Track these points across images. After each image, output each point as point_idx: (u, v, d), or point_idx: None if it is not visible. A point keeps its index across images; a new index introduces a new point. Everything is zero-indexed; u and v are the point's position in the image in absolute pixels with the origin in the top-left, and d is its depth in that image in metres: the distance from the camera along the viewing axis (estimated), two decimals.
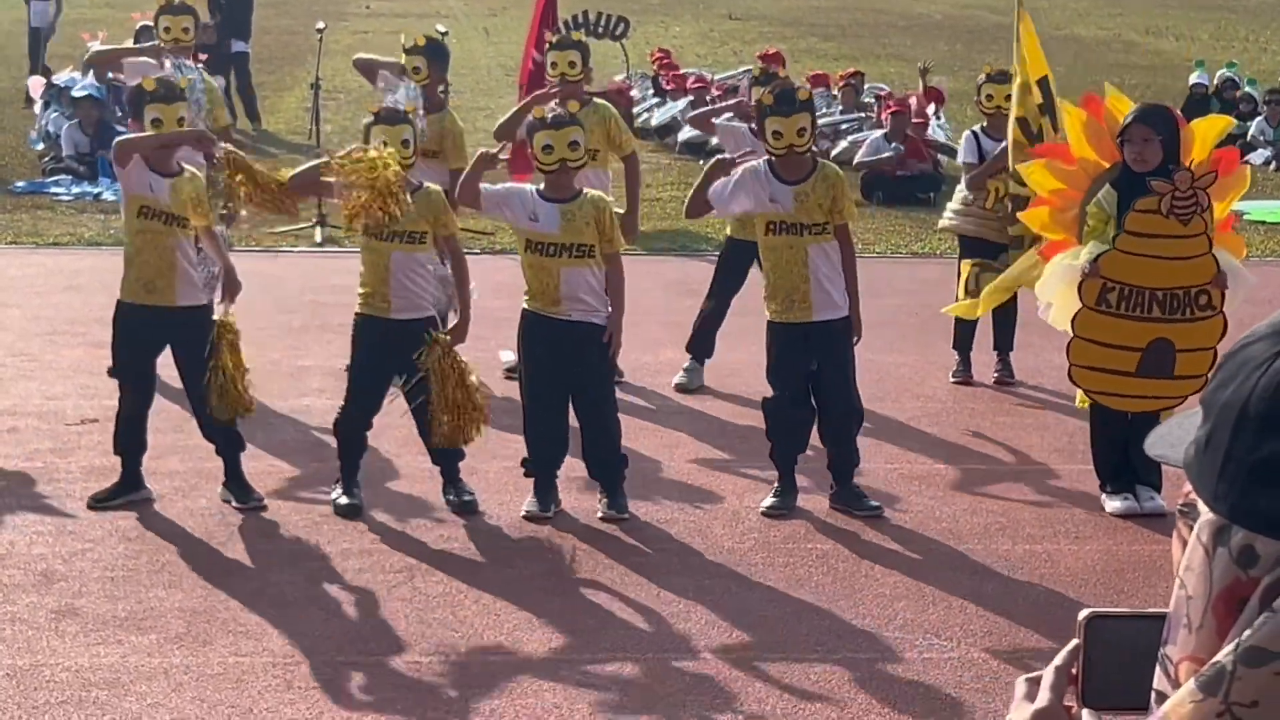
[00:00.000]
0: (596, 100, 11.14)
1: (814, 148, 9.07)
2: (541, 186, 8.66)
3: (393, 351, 8.66)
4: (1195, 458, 1.67)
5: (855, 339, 8.89)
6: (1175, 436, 1.75)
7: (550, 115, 8.68)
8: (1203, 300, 8.57)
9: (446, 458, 8.82)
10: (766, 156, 8.79)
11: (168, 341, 8.68)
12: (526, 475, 8.85)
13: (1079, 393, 9.24)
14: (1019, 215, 9.48)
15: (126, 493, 8.70)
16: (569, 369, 8.65)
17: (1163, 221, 8.38)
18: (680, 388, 11.20)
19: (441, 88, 11.32)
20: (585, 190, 8.77)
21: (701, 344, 11.33)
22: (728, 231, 11.41)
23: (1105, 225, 8.67)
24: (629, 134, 11.28)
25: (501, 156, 8.84)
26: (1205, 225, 8.44)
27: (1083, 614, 1.91)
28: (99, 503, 8.62)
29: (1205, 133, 8.96)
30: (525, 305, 8.72)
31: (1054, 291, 8.93)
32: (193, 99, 9.09)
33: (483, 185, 8.60)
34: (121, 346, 8.82)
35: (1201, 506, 1.66)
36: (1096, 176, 8.86)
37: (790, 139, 8.64)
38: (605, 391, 8.87)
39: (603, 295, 8.65)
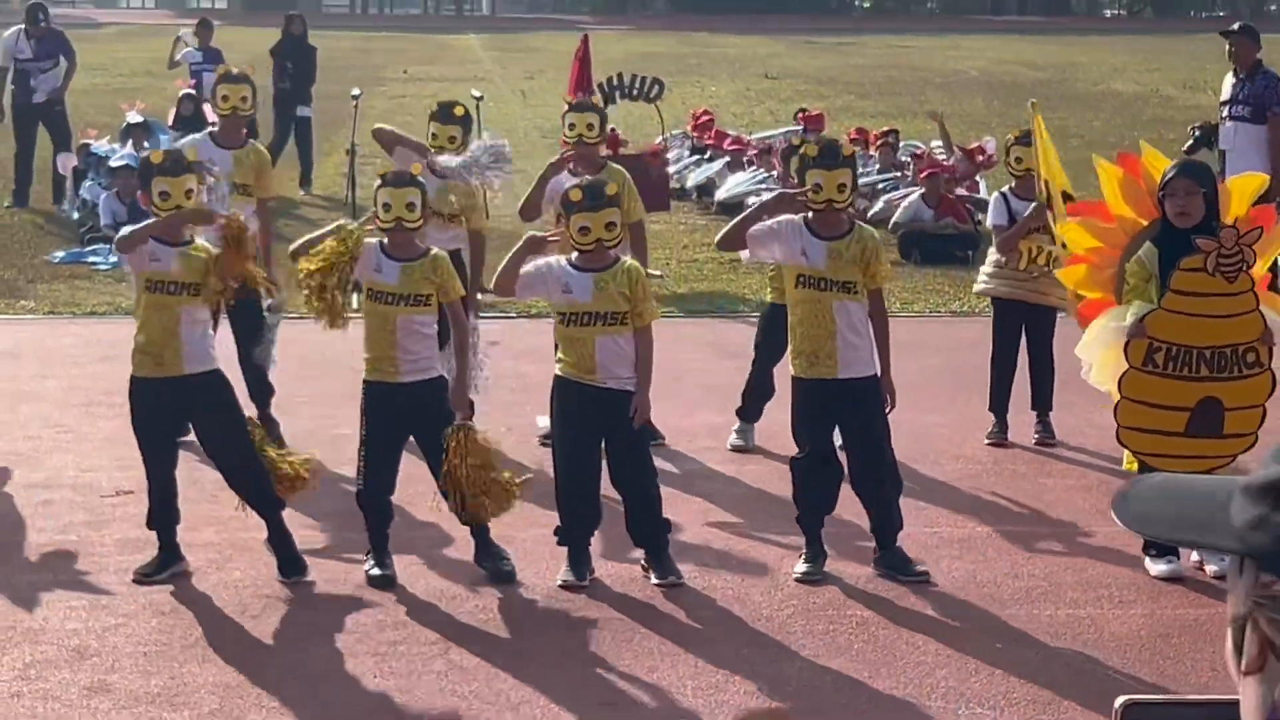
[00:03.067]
0: (611, 165, 11.11)
1: (853, 207, 9.04)
2: (573, 257, 8.62)
3: (404, 416, 8.64)
4: (1275, 543, 1.52)
5: (889, 406, 8.81)
6: (1200, 516, 1.60)
7: (585, 190, 8.62)
8: (1250, 357, 8.48)
9: (479, 524, 8.78)
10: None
11: (183, 412, 8.65)
12: (560, 544, 8.77)
13: (1126, 454, 9.13)
14: (1056, 273, 9.40)
15: (169, 566, 8.65)
16: (603, 436, 8.59)
17: (1209, 280, 8.29)
18: (736, 448, 11.14)
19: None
20: (621, 258, 8.71)
21: (749, 409, 11.27)
22: (768, 297, 11.34)
23: (1146, 283, 8.58)
24: (639, 200, 11.20)
25: (551, 238, 8.78)
26: (1251, 282, 8.36)
27: (1119, 702, 1.81)
28: (145, 578, 8.57)
29: (1242, 189, 8.89)
30: (558, 371, 8.67)
31: (1096, 353, 8.84)
32: (216, 188, 9.08)
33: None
34: (138, 423, 8.77)
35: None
36: (1135, 234, 8.79)
37: (830, 193, 8.61)
38: (642, 459, 8.79)
39: (631, 362, 8.62)
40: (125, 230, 9.00)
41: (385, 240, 8.70)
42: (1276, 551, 1.51)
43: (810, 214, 8.69)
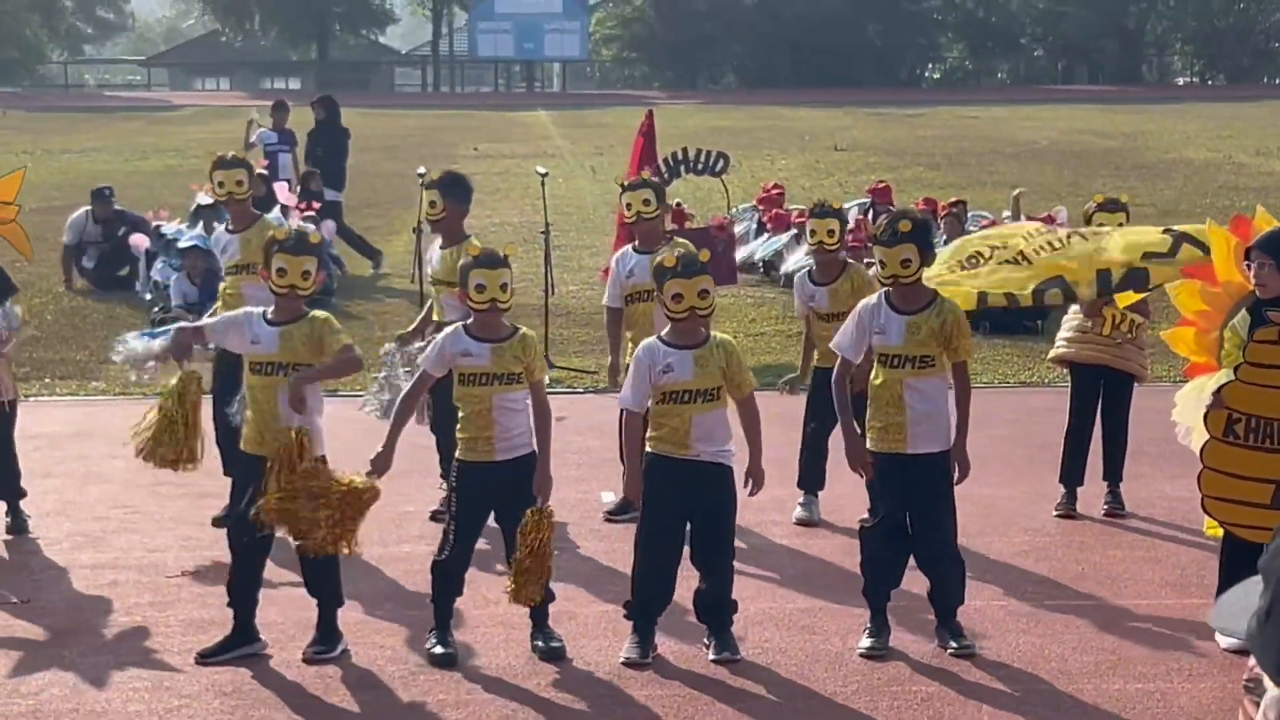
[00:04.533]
0: (676, 240, 11.09)
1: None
2: (665, 333, 8.58)
3: (493, 493, 8.62)
4: (1258, 630, 1.54)
5: (959, 477, 8.74)
6: (1240, 606, 1.62)
7: (680, 258, 8.58)
8: None
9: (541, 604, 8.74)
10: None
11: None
12: (627, 618, 8.73)
13: (1208, 520, 9.00)
14: (1163, 335, 9.34)
15: (236, 646, 8.65)
16: (692, 511, 8.55)
17: None
18: (801, 521, 11.09)
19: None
20: (713, 334, 8.67)
21: (807, 478, 11.22)
22: (815, 362, 11.31)
23: (1239, 350, 8.50)
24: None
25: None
26: None
27: None
28: (207, 658, 8.57)
29: None
30: (651, 448, 8.61)
31: (1193, 417, 8.76)
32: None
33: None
34: (233, 496, 8.82)
35: (1267, 682, 1.53)
36: (1239, 299, 8.72)
37: (894, 269, 8.59)
38: (728, 533, 8.74)
39: (729, 434, 8.57)
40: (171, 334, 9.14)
41: (470, 322, 8.69)
42: (1253, 636, 1.52)
43: (891, 289, 8.68)
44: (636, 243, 10.89)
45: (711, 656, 8.61)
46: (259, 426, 8.61)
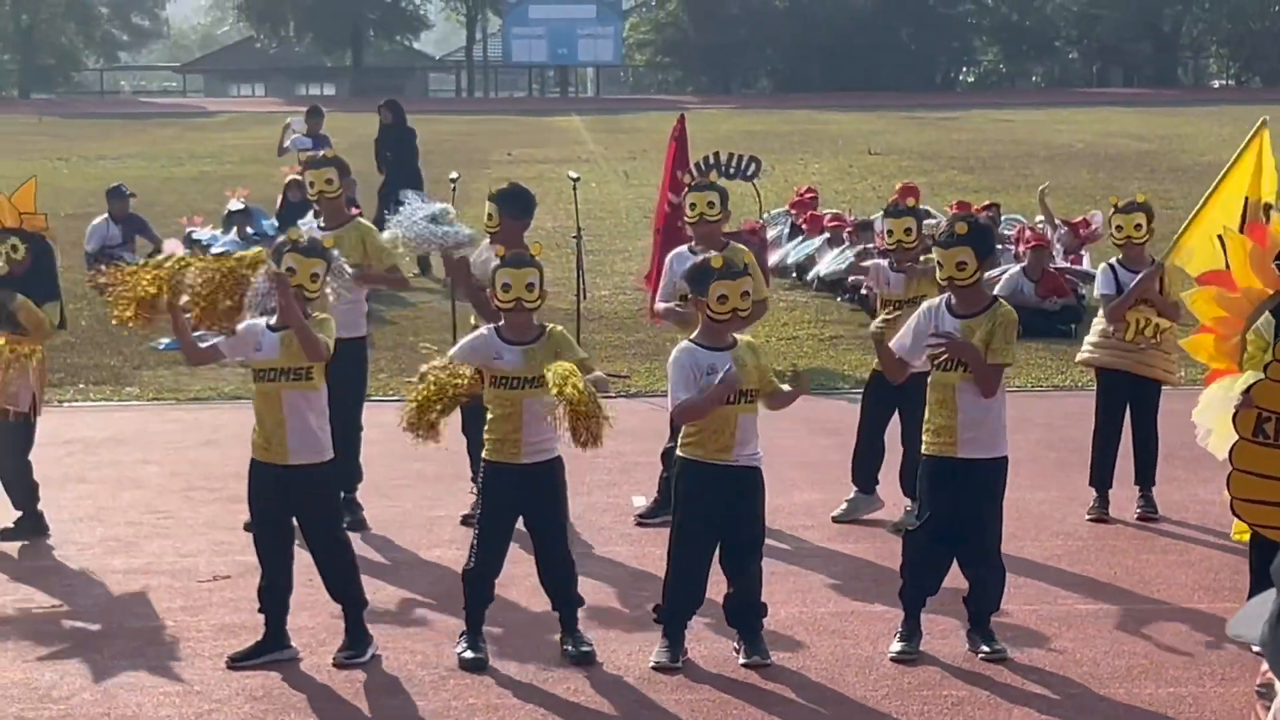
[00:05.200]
0: (734, 244, 11.09)
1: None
2: (697, 336, 8.55)
3: (520, 496, 8.62)
4: (1269, 635, 1.53)
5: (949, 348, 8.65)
6: (1258, 613, 1.61)
7: (726, 262, 8.57)
8: None
9: (566, 606, 8.74)
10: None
11: (288, 500, 8.65)
12: (658, 622, 8.72)
13: (1236, 523, 8.95)
14: (1181, 344, 9.30)
15: (268, 651, 8.67)
16: (725, 516, 8.54)
17: None
18: (837, 519, 11.11)
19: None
20: (736, 337, 8.65)
21: (862, 475, 11.24)
22: (875, 365, 11.30)
23: (1264, 353, 8.45)
24: (763, 279, 11.21)
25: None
26: None
27: None
28: (235, 663, 8.59)
29: None
30: (685, 453, 8.56)
31: (1214, 418, 8.72)
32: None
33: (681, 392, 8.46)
34: (250, 503, 8.83)
35: (1279, 686, 1.52)
36: (1260, 304, 8.68)
37: (950, 271, 8.63)
38: (760, 537, 8.74)
39: (759, 436, 8.58)
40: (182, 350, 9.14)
41: (501, 325, 8.70)
42: (1266, 641, 1.52)
43: (950, 293, 8.68)
44: (693, 243, 10.87)
45: (742, 661, 8.60)
46: (265, 434, 8.61)
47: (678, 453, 8.64)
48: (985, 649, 8.69)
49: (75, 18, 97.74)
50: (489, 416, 8.69)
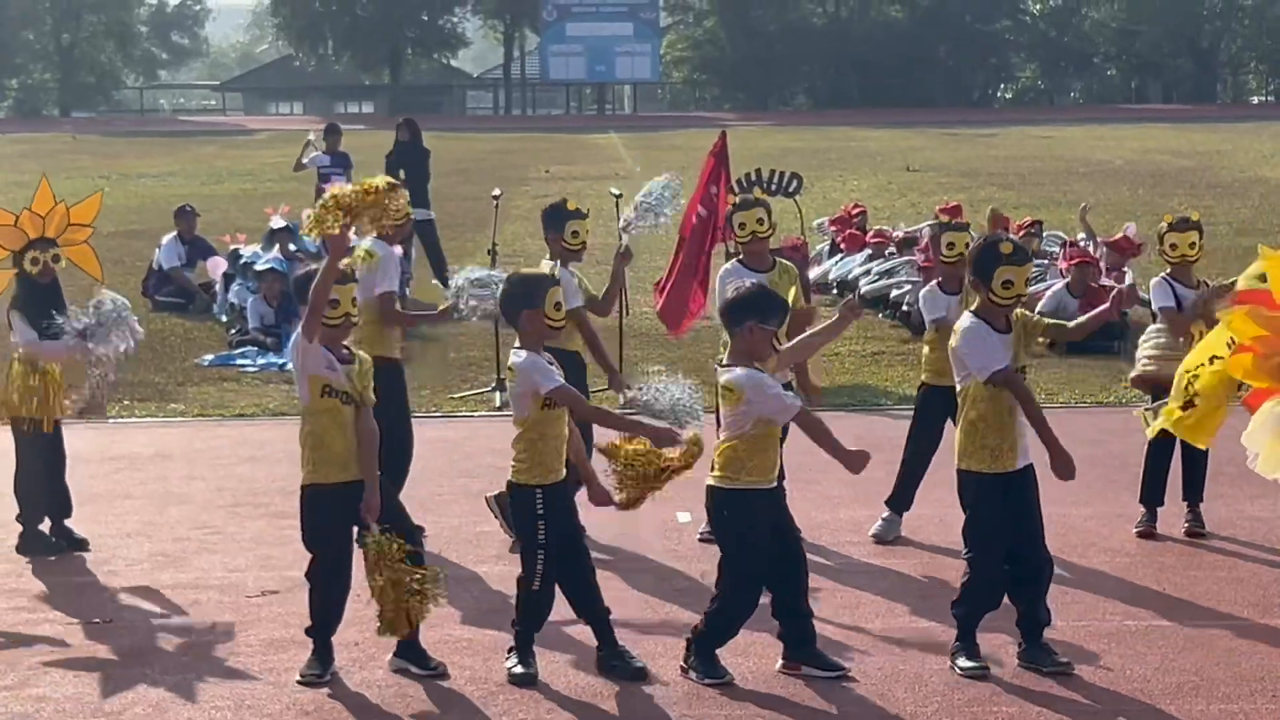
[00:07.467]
0: (781, 261, 11.11)
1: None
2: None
3: (572, 510, 8.74)
4: None
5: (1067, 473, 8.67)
6: None
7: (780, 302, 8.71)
8: None
9: (599, 623, 8.75)
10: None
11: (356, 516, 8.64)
12: (705, 638, 8.67)
13: None
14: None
15: (326, 667, 8.69)
16: (773, 533, 8.58)
17: None
18: (876, 538, 11.08)
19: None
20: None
21: (900, 496, 11.22)
22: (923, 378, 11.28)
23: None
24: (800, 292, 11.20)
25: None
26: None
27: None
28: (307, 680, 8.61)
29: None
30: (750, 484, 8.50)
31: (1262, 441, 8.66)
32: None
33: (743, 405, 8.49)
34: (322, 531, 8.71)
35: None
36: None
37: (1019, 288, 8.71)
38: (803, 553, 8.81)
39: None
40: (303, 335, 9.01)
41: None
42: None
43: (995, 311, 8.73)
44: (742, 258, 10.90)
45: (779, 667, 8.66)
46: (338, 453, 8.60)
47: (736, 485, 8.58)
48: (1050, 664, 8.62)
49: (115, 36, 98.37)
50: (544, 444, 8.65)
